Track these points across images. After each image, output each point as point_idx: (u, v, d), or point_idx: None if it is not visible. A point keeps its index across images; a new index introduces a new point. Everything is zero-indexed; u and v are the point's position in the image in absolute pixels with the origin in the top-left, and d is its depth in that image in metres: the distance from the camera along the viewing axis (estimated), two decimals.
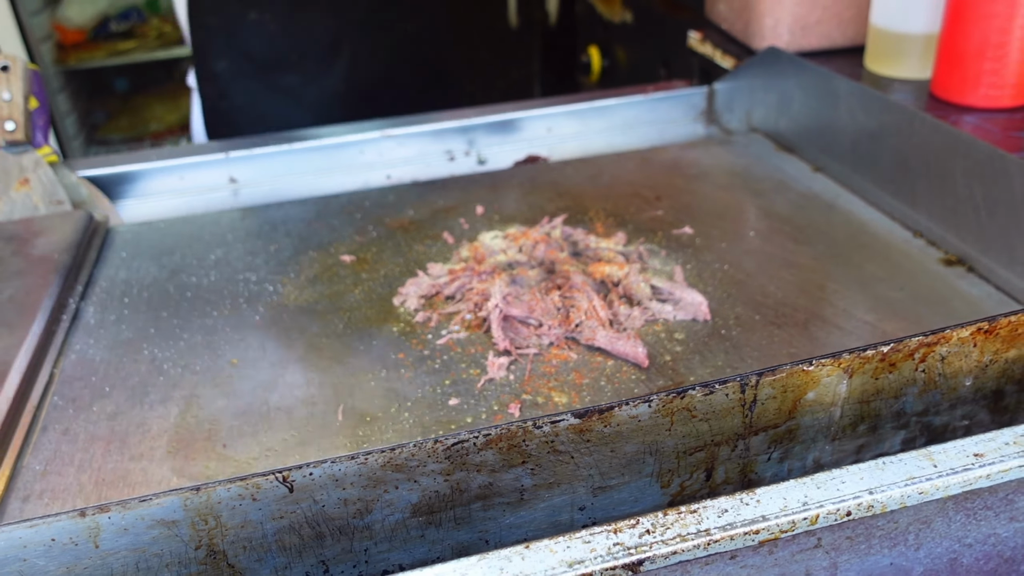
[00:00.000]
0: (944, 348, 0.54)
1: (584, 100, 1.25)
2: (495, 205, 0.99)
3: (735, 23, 1.23)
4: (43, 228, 0.94)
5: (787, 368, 0.51)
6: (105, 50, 2.67)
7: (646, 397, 0.48)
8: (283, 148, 1.17)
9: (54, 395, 0.71)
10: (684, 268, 0.84)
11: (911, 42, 1.03)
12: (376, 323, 0.79)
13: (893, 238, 0.88)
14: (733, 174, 1.04)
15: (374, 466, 0.46)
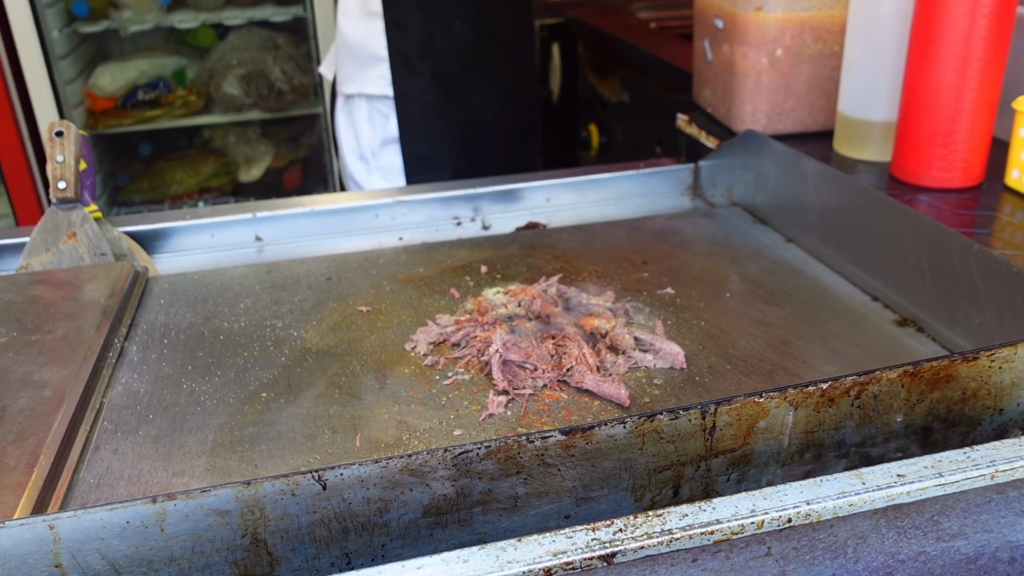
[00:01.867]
0: (876, 387, 0.63)
1: (581, 173, 1.37)
2: (498, 265, 1.10)
3: (718, 107, 1.36)
4: (91, 276, 1.04)
5: (741, 399, 0.60)
6: (133, 117, 2.83)
7: (621, 419, 0.58)
8: (305, 210, 1.28)
9: (104, 420, 0.81)
10: (665, 323, 0.94)
11: (873, 128, 1.15)
12: (389, 365, 0.88)
13: (853, 301, 0.98)
14: (713, 243, 1.15)
15: (393, 470, 0.55)
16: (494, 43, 1.72)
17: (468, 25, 1.67)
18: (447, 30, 1.66)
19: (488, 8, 1.69)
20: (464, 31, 1.67)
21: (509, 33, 1.75)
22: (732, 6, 1.25)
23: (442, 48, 1.67)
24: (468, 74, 1.70)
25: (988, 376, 0.66)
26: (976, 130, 1.02)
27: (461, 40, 1.67)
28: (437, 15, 1.64)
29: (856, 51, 1.14)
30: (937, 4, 0.98)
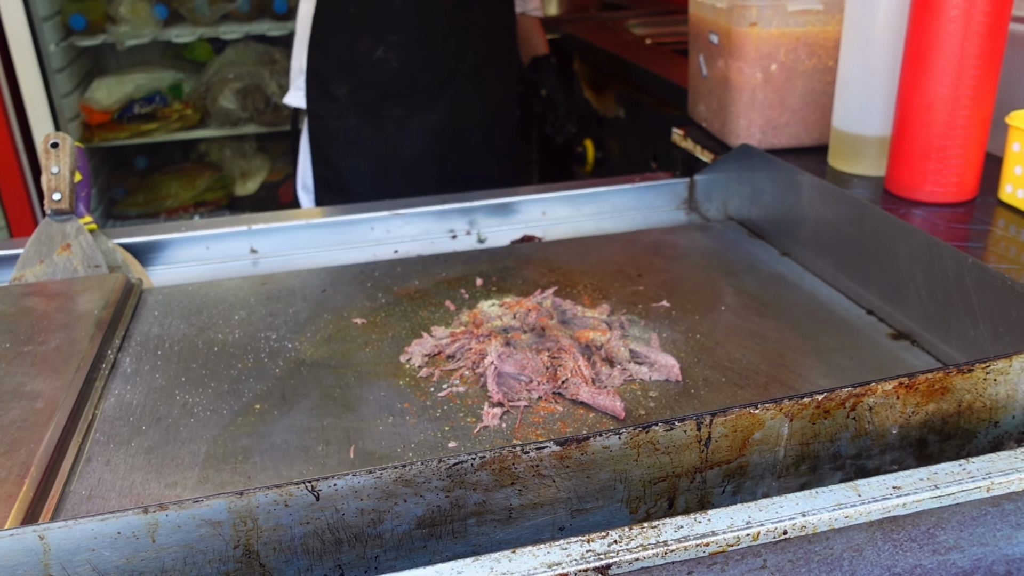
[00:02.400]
0: (871, 399, 0.63)
1: (576, 187, 1.38)
2: (493, 278, 1.10)
3: (713, 122, 1.37)
4: (85, 288, 1.04)
5: (736, 410, 0.60)
6: (128, 131, 2.83)
7: (616, 430, 0.58)
8: (300, 223, 1.28)
9: (96, 432, 0.80)
10: (660, 336, 0.94)
11: (867, 143, 1.16)
12: (384, 377, 0.88)
13: (848, 314, 0.98)
14: (709, 256, 1.15)
15: (388, 480, 0.55)
16: (434, 74, 1.66)
17: (396, 55, 1.61)
18: (370, 58, 1.61)
19: (430, 39, 1.63)
20: (391, 61, 1.62)
21: (458, 63, 1.68)
22: (727, 21, 1.26)
23: (363, 75, 1.63)
24: (391, 105, 1.65)
25: (983, 388, 0.66)
26: (970, 145, 1.03)
27: (385, 70, 1.62)
28: (361, 41, 1.60)
29: (850, 66, 1.15)
30: (931, 21, 0.99)
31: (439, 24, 1.62)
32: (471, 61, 1.69)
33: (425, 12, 1.61)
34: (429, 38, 1.63)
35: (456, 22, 1.64)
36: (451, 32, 1.64)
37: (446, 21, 1.63)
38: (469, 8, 1.65)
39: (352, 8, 1.60)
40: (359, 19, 1.60)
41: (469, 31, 1.66)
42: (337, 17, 1.61)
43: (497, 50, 1.75)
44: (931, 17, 0.99)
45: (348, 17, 1.60)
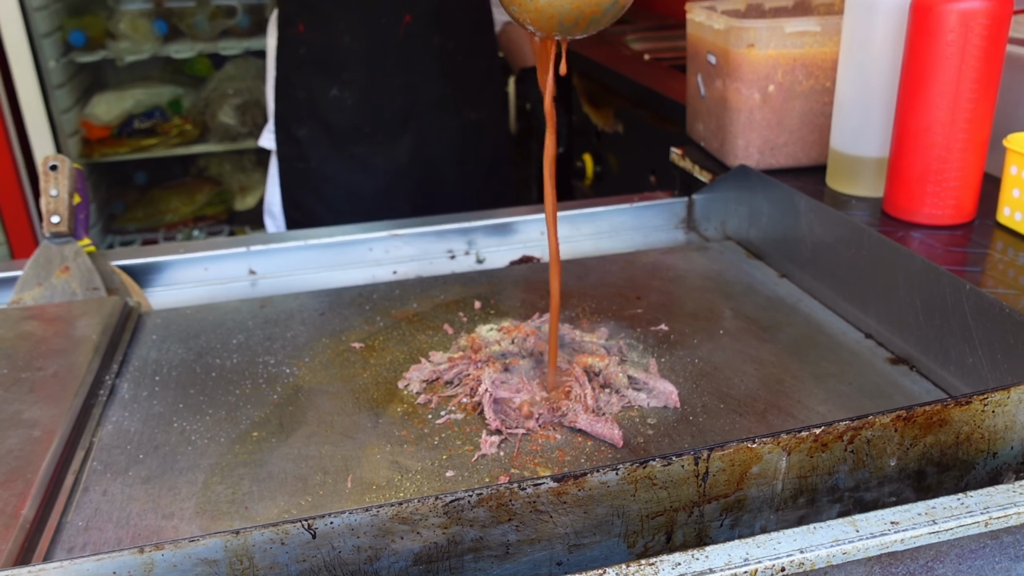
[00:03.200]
0: (869, 432, 0.63)
1: (575, 207, 1.38)
2: (491, 301, 1.10)
3: (711, 142, 1.37)
4: (83, 312, 1.04)
5: (734, 444, 0.60)
6: (128, 146, 2.83)
7: (614, 465, 0.58)
8: (299, 244, 1.28)
9: (93, 460, 0.80)
10: (659, 361, 0.94)
11: (865, 164, 1.16)
12: (382, 404, 0.88)
13: (846, 338, 0.98)
14: (707, 278, 1.15)
15: (384, 518, 0.55)
16: (393, 109, 1.61)
17: (351, 93, 1.58)
18: (325, 98, 1.59)
19: (384, 74, 1.58)
20: (346, 99, 1.59)
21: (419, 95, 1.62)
22: (725, 43, 1.26)
23: (320, 116, 1.61)
24: (352, 144, 1.63)
25: (981, 420, 0.66)
26: (967, 167, 1.03)
27: (340, 109, 1.60)
28: (315, 82, 1.58)
29: (848, 88, 1.15)
30: (927, 44, 0.99)
31: (391, 57, 1.58)
32: (436, 91, 1.64)
33: (375, 47, 1.57)
34: (383, 73, 1.58)
35: (413, 53, 1.59)
36: (407, 64, 1.59)
37: (399, 54, 1.58)
38: (427, 36, 1.59)
39: (302, 49, 1.58)
40: (310, 60, 1.58)
41: (430, 60, 1.61)
42: (291, 60, 1.59)
43: (469, 74, 1.69)
44: (927, 41, 0.99)
45: (300, 59, 1.58)
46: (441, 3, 1.58)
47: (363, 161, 1.64)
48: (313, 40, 1.57)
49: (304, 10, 1.56)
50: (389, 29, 1.56)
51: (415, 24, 1.56)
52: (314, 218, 1.68)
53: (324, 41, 1.57)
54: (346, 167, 1.64)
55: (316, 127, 1.62)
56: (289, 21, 1.58)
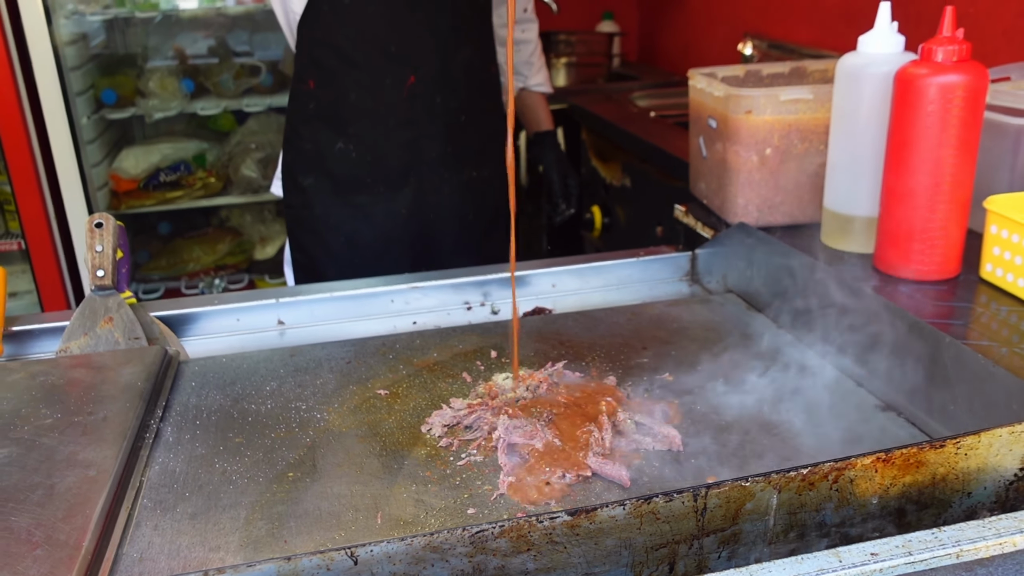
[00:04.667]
0: (852, 472, 0.70)
1: (584, 261, 1.46)
2: (507, 350, 1.17)
3: (713, 199, 1.45)
4: (127, 360, 1.12)
5: (729, 483, 0.67)
6: (154, 198, 2.95)
7: (621, 501, 0.65)
8: (325, 296, 1.36)
9: (144, 498, 0.87)
10: (663, 407, 1.00)
11: (856, 223, 1.24)
12: (407, 447, 0.95)
13: (839, 386, 1.05)
14: (709, 329, 1.22)
15: (417, 547, 0.62)
16: (395, 163, 1.68)
17: (355, 146, 1.66)
18: (330, 150, 1.67)
19: (388, 129, 1.66)
20: (350, 152, 1.67)
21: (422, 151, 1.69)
22: (724, 109, 1.35)
23: (325, 167, 1.69)
24: (354, 195, 1.70)
25: (955, 462, 0.73)
26: (950, 227, 1.11)
27: (345, 161, 1.68)
28: (322, 134, 1.67)
29: (839, 152, 1.24)
30: (911, 113, 1.08)
31: (395, 115, 1.66)
32: (437, 148, 1.71)
33: (380, 104, 1.65)
34: (386, 129, 1.67)
35: (416, 112, 1.67)
36: (409, 122, 1.67)
37: (403, 112, 1.66)
38: (430, 96, 1.67)
39: (311, 104, 1.67)
40: (318, 115, 1.67)
41: (432, 119, 1.68)
42: (300, 113, 1.69)
43: (471, 133, 1.75)
44: (911, 110, 1.08)
45: (309, 113, 1.68)
46: (444, 66, 1.67)
47: (364, 210, 1.72)
48: (322, 96, 1.67)
49: (315, 68, 1.66)
50: (394, 88, 1.65)
51: (419, 85, 1.65)
52: (316, 262, 1.77)
53: (332, 97, 1.67)
54: (348, 215, 1.73)
55: (321, 177, 1.72)
56: (301, 78, 1.69)
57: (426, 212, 1.75)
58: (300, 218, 1.76)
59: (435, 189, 1.74)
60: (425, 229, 1.76)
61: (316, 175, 1.72)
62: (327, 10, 1.60)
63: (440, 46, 1.65)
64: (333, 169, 1.70)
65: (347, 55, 1.63)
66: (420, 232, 1.76)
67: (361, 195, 1.71)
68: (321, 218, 1.74)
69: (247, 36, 3.16)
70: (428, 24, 1.63)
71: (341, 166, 1.70)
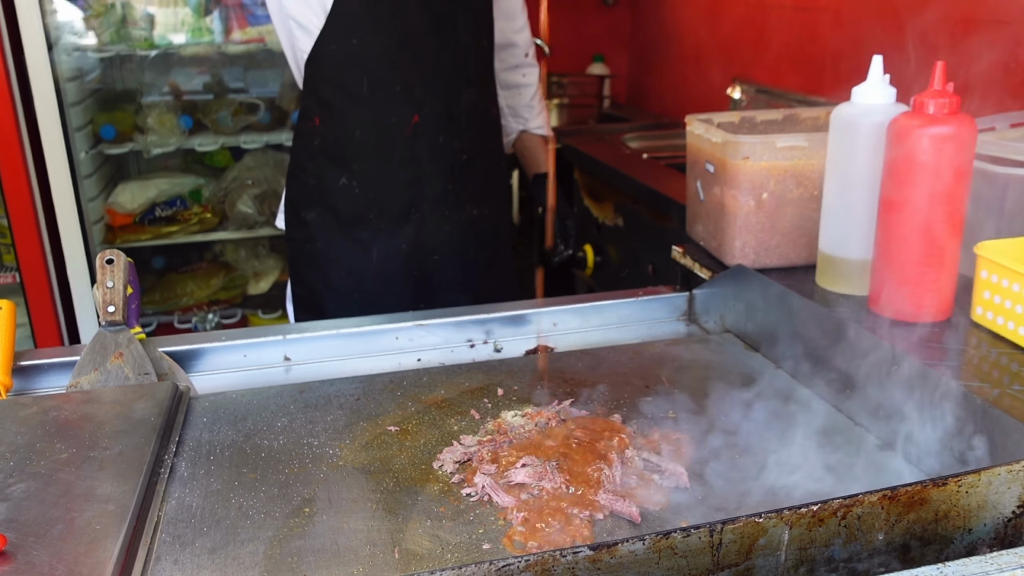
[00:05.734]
0: (859, 509, 0.73)
1: (585, 300, 1.49)
2: (513, 388, 1.20)
3: (710, 241, 1.49)
4: (139, 395, 1.13)
5: (743, 519, 0.70)
6: (150, 233, 2.97)
7: (641, 536, 0.67)
8: (331, 332, 1.39)
9: (162, 533, 0.89)
10: (669, 444, 1.03)
11: (851, 265, 1.28)
12: (420, 483, 0.97)
13: (837, 426, 1.08)
14: (709, 368, 1.25)
15: None
16: (397, 199, 1.72)
17: (358, 182, 1.70)
18: (334, 186, 1.70)
19: (391, 166, 1.69)
20: (353, 188, 1.70)
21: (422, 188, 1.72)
22: (722, 154, 1.40)
23: (328, 202, 1.73)
24: (356, 230, 1.73)
25: (957, 499, 0.76)
26: (942, 272, 1.15)
27: (347, 196, 1.71)
28: (326, 170, 1.71)
29: (833, 197, 1.28)
30: (903, 162, 1.12)
31: (398, 153, 1.70)
32: (439, 186, 1.74)
33: (383, 142, 1.69)
34: (389, 166, 1.70)
35: (418, 150, 1.70)
36: (412, 160, 1.71)
37: (406, 150, 1.70)
38: (433, 135, 1.71)
39: (316, 140, 1.71)
40: (323, 151, 1.71)
41: (434, 157, 1.72)
42: (305, 149, 1.73)
43: (472, 172, 1.79)
44: (903, 159, 1.12)
45: (313, 149, 1.72)
46: (448, 107, 1.71)
47: (365, 245, 1.75)
48: (326, 133, 1.71)
49: (320, 105, 1.70)
50: (398, 127, 1.69)
51: (422, 124, 1.69)
52: (319, 297, 1.79)
53: (337, 134, 1.70)
54: (349, 250, 1.76)
55: (324, 212, 1.75)
56: (307, 114, 1.73)
57: (427, 248, 1.78)
58: (302, 252, 1.79)
59: (436, 226, 1.77)
60: (425, 265, 1.79)
61: (319, 210, 1.75)
62: (334, 49, 1.64)
63: (444, 87, 1.69)
64: (336, 204, 1.73)
65: (353, 94, 1.67)
66: (420, 268, 1.79)
67: (363, 230, 1.74)
68: (323, 252, 1.76)
69: (243, 73, 3.21)
70: (433, 65, 1.67)
71: (344, 202, 1.73)
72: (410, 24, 1.53)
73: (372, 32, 1.63)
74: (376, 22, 1.63)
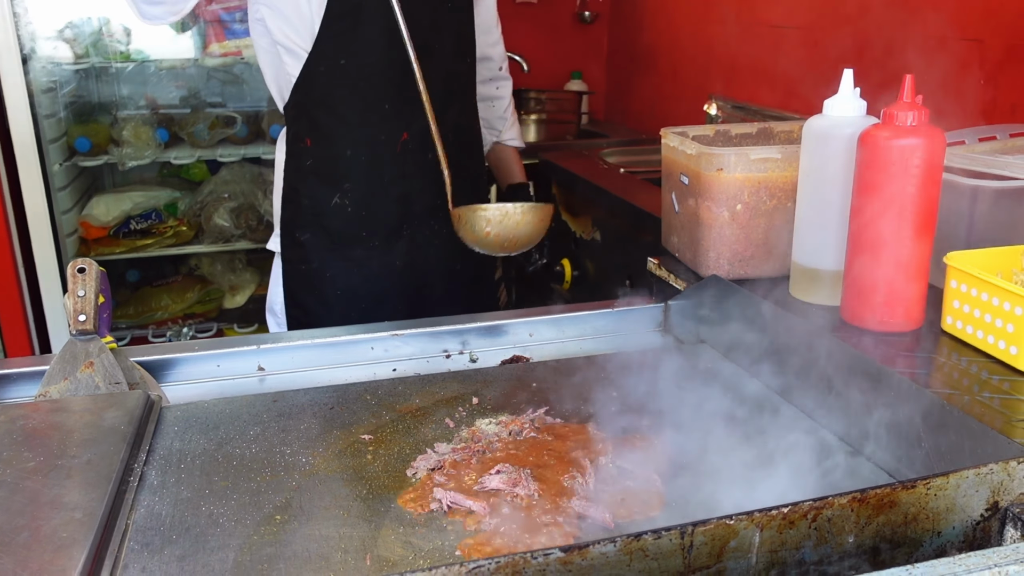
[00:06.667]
0: (829, 511, 0.73)
1: (560, 311, 1.49)
2: (488, 396, 1.19)
3: (685, 253, 1.50)
4: (109, 404, 1.12)
5: (714, 521, 0.70)
6: (124, 246, 2.94)
7: (612, 539, 0.67)
8: (305, 342, 1.38)
9: (130, 540, 0.87)
10: (642, 451, 1.03)
11: (823, 276, 1.29)
12: (393, 490, 0.96)
13: (809, 433, 1.08)
14: (684, 377, 1.26)
15: None
16: (389, 216, 1.73)
17: (351, 201, 1.71)
18: (327, 205, 1.72)
19: (382, 184, 1.71)
20: (346, 207, 1.71)
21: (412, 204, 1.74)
22: (696, 166, 1.41)
23: (323, 222, 1.74)
24: (350, 248, 1.74)
25: (926, 502, 0.76)
26: (913, 282, 1.16)
27: (341, 215, 1.71)
28: (319, 191, 1.72)
29: (806, 208, 1.30)
30: (874, 173, 1.14)
31: (389, 170, 1.72)
32: (429, 201, 1.76)
33: (374, 161, 1.71)
34: (381, 184, 1.72)
35: (408, 167, 1.72)
36: (402, 176, 1.73)
37: (396, 167, 1.72)
38: (422, 152, 1.71)
39: (308, 161, 1.72)
40: (315, 171, 1.72)
41: (423, 173, 1.73)
42: (297, 171, 1.74)
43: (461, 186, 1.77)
44: (874, 171, 1.14)
45: (305, 170, 1.73)
46: (439, 123, 1.70)
47: (360, 264, 1.76)
48: (318, 153, 1.71)
49: (311, 127, 1.70)
50: (388, 145, 1.70)
51: (411, 141, 1.71)
52: (313, 316, 1.78)
53: (328, 154, 1.71)
54: (345, 269, 1.76)
55: (318, 232, 1.75)
56: (297, 136, 1.72)
57: (419, 264, 1.79)
58: (297, 272, 1.79)
59: (427, 241, 1.79)
60: (418, 280, 1.81)
61: (312, 230, 1.75)
62: (323, 71, 1.64)
63: (432, 104, 1.69)
64: (329, 224, 1.74)
65: (342, 114, 1.68)
66: (414, 283, 1.81)
67: (357, 249, 1.75)
68: (318, 272, 1.77)
69: (220, 86, 3.20)
70: (421, 83, 1.67)
71: (337, 221, 1.74)
72: (397, 43, 1.54)
73: (361, 52, 1.63)
74: (364, 43, 1.63)
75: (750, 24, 2.69)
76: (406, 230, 1.76)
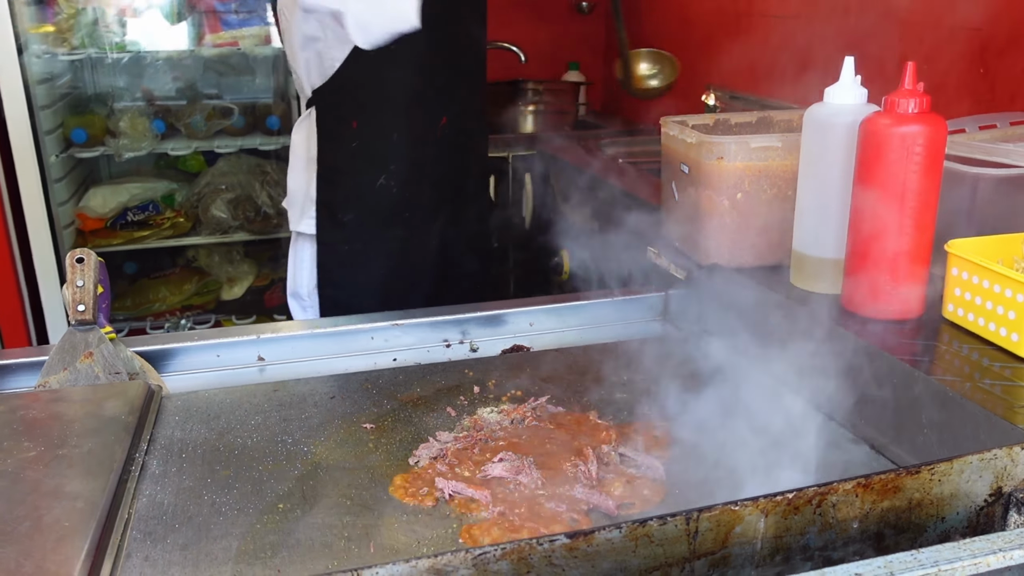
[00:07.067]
0: (834, 497, 0.73)
1: (561, 300, 1.49)
2: (489, 385, 1.19)
3: (685, 242, 1.50)
4: (109, 394, 1.12)
5: (720, 507, 0.70)
6: (121, 237, 2.93)
7: (618, 524, 0.67)
8: (306, 332, 1.37)
9: (133, 530, 0.87)
10: (645, 439, 1.03)
11: (824, 264, 1.29)
12: (396, 478, 0.96)
13: (811, 420, 1.08)
14: (684, 365, 1.26)
15: (421, 569, 0.63)
16: (428, 197, 1.81)
17: (396, 182, 1.76)
18: (373, 186, 1.76)
19: (424, 165, 1.79)
20: (392, 187, 1.76)
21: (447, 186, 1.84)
22: (697, 155, 1.41)
23: (368, 203, 1.78)
24: (394, 228, 1.80)
25: (930, 488, 0.76)
26: (914, 269, 1.16)
27: (387, 196, 1.77)
28: (365, 172, 1.76)
29: (807, 196, 1.29)
30: (875, 161, 1.13)
31: (430, 152, 1.79)
32: (461, 182, 1.87)
33: (418, 143, 1.78)
34: (422, 165, 1.78)
35: (445, 149, 1.81)
36: (441, 158, 1.81)
37: (436, 149, 1.80)
38: (457, 135, 1.82)
39: (355, 143, 1.75)
40: (361, 153, 1.76)
41: (459, 156, 1.84)
42: (342, 153, 1.76)
43: (483, 167, 1.96)
44: (875, 159, 1.14)
45: (351, 151, 1.76)
46: (466, 109, 1.83)
47: (401, 243, 1.81)
48: (365, 136, 1.75)
49: (358, 109, 1.74)
50: (430, 128, 1.78)
51: (449, 125, 1.79)
52: (350, 295, 1.81)
53: (375, 136, 1.75)
54: (385, 249, 1.81)
55: (363, 212, 1.79)
56: (342, 118, 1.75)
57: (453, 243, 1.86)
58: (335, 253, 1.81)
59: (459, 221, 1.86)
60: (452, 260, 1.87)
61: (358, 210, 1.78)
62: (374, 55, 1.66)
63: (465, 91, 1.78)
64: (375, 203, 1.78)
65: (391, 97, 1.72)
66: (447, 263, 1.87)
67: (398, 229, 1.80)
68: (359, 253, 1.80)
69: (217, 78, 3.19)
70: (459, 69, 1.75)
71: (383, 200, 1.77)
72: (440, 26, 1.60)
73: (413, 36, 1.66)
74: None
75: (749, 13, 2.68)
76: (443, 211, 1.83)
